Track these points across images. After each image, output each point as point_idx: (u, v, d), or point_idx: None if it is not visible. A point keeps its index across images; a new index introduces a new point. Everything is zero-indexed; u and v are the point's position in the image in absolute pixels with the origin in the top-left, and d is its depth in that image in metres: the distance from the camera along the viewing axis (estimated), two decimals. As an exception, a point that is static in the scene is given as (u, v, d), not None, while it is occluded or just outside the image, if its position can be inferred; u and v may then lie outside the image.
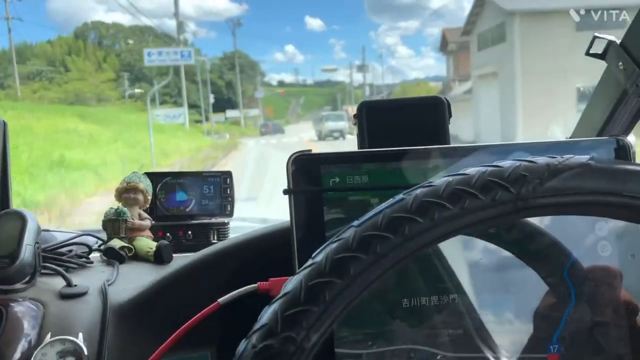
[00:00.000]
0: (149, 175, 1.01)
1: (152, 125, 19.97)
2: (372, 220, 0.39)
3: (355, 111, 0.77)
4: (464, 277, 0.65)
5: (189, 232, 1.03)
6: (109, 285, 0.77)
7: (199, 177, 1.06)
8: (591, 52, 0.82)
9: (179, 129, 24.21)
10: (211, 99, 33.40)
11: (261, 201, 6.90)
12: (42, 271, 0.77)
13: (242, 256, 0.79)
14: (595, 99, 0.86)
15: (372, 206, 0.63)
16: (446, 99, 0.77)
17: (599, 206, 0.40)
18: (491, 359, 0.63)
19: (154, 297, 0.77)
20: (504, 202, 0.38)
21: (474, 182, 0.38)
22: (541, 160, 0.40)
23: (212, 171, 1.06)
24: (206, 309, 0.65)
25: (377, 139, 0.75)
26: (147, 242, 0.93)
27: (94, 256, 0.92)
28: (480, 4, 18.45)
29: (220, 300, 0.65)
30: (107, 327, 0.70)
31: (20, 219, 0.74)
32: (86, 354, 0.65)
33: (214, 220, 1.06)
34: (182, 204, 1.05)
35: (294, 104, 70.80)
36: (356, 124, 0.78)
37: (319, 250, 0.39)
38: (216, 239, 1.04)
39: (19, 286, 0.73)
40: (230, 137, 28.74)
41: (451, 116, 0.77)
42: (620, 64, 0.78)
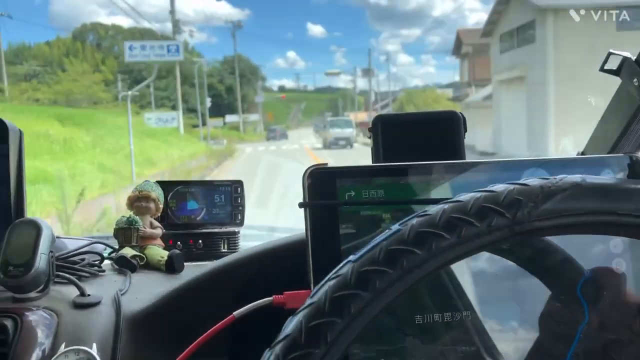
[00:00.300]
0: (161, 183, 1.02)
1: (142, 130, 18.51)
2: (369, 254, 0.39)
3: (358, 118, 0.78)
4: (475, 294, 0.65)
5: (200, 241, 1.03)
6: (122, 294, 0.77)
7: (210, 185, 1.06)
8: (605, 68, 0.82)
9: (172, 134, 22.38)
10: (208, 103, 31.62)
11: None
12: (56, 280, 0.77)
13: (255, 268, 0.80)
14: (608, 114, 0.86)
15: (384, 222, 0.63)
16: (461, 113, 0.77)
17: (595, 226, 0.40)
18: None
19: (167, 307, 0.77)
20: (500, 228, 0.38)
21: (469, 208, 0.39)
22: (534, 182, 0.40)
23: (223, 180, 1.07)
24: (222, 322, 0.65)
25: (392, 153, 0.75)
26: (158, 251, 0.93)
27: (105, 264, 0.92)
28: (504, 1, 16.26)
29: (235, 313, 0.65)
30: (121, 338, 0.70)
31: (35, 227, 0.74)
32: None
33: (224, 229, 1.06)
34: (192, 213, 1.06)
35: (295, 110, 70.73)
36: (371, 137, 0.78)
37: (317, 287, 0.39)
38: (226, 248, 1.04)
39: (33, 295, 0.73)
40: (227, 142, 27.19)
41: (466, 131, 0.77)
42: (635, 80, 0.79)
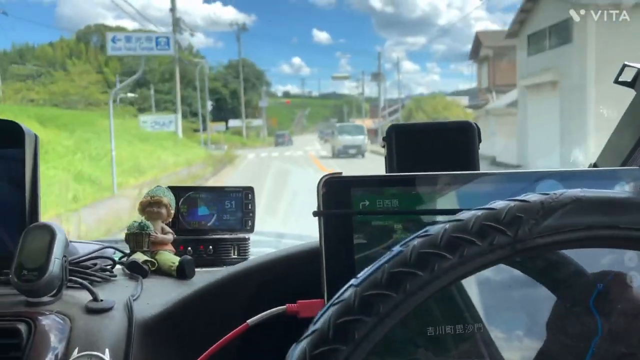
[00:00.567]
0: (172, 189, 1.02)
1: (136, 134, 17.76)
2: (372, 277, 0.38)
3: (366, 124, 0.78)
4: (483, 303, 0.65)
5: (210, 246, 1.03)
6: (134, 300, 0.77)
7: (220, 191, 1.06)
8: (620, 80, 0.82)
9: (170, 138, 20.92)
10: (209, 106, 30.54)
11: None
12: (68, 284, 0.77)
13: (268, 276, 0.80)
14: (622, 126, 0.86)
15: (396, 232, 0.63)
16: (476, 124, 0.77)
17: (597, 240, 0.40)
18: None
19: (179, 314, 0.77)
20: (501, 246, 0.38)
21: (471, 227, 0.39)
22: (535, 198, 0.40)
23: (234, 186, 1.07)
24: (235, 330, 0.65)
25: (406, 163, 0.75)
26: (169, 257, 0.94)
27: (117, 269, 0.92)
28: (533, -3, 14.19)
29: (249, 321, 0.65)
30: (133, 344, 0.70)
31: (49, 232, 0.74)
32: None
33: (234, 235, 1.06)
34: (203, 219, 1.06)
35: (299, 115, 70.55)
36: (384, 146, 0.79)
37: (320, 313, 0.38)
38: (236, 254, 1.04)
39: (46, 299, 0.73)
40: (228, 148, 25.64)
41: (481, 141, 0.77)
42: None
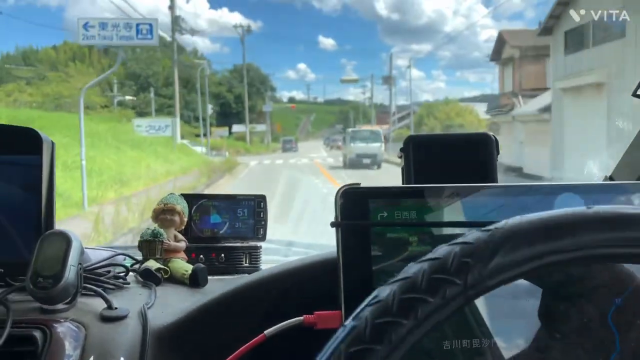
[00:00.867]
0: (185, 196, 1.02)
1: (127, 139, 16.45)
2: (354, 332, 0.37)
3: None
4: (494, 314, 0.64)
5: (222, 255, 1.03)
6: (148, 308, 0.77)
7: (233, 200, 1.06)
8: (638, 93, 0.82)
9: (166, 144, 19.42)
10: (209, 110, 29.00)
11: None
12: (83, 292, 0.77)
13: (283, 286, 0.80)
14: (637, 141, 0.86)
15: (411, 245, 0.63)
16: (494, 135, 0.77)
17: (549, 266, 0.40)
18: None
19: (194, 323, 0.77)
20: (454, 297, 0.38)
21: (420, 283, 0.38)
22: (476, 237, 0.40)
23: (247, 194, 1.07)
24: (252, 341, 0.65)
25: (423, 174, 0.75)
26: (182, 265, 0.93)
27: (129, 276, 0.92)
28: (572, -11, 12.37)
29: (266, 332, 0.65)
30: (147, 352, 0.70)
31: (65, 239, 0.74)
32: None
33: (246, 243, 1.06)
34: (216, 227, 1.06)
35: (305, 121, 70.40)
36: (401, 157, 0.79)
37: None
38: (248, 263, 1.04)
39: (60, 306, 0.73)
40: (230, 155, 24.54)
41: (499, 153, 0.77)
42: None
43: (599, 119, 10.88)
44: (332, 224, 0.62)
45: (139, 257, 0.97)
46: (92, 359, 0.66)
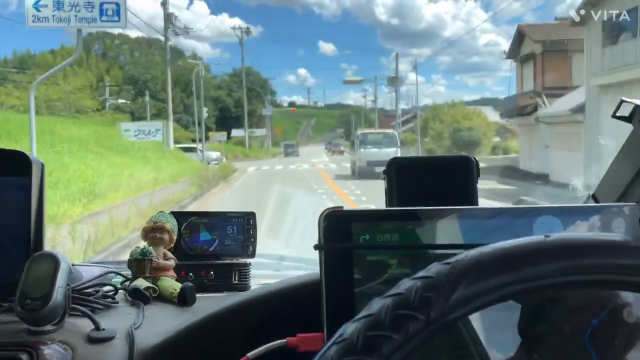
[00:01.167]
0: (175, 214, 1.03)
1: (113, 145, 15.34)
2: None
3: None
4: (485, 329, 0.65)
5: (211, 272, 1.04)
6: (135, 328, 0.78)
7: (223, 217, 1.07)
8: (617, 114, 0.83)
9: (157, 150, 18.04)
10: (205, 113, 27.83)
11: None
12: (71, 312, 0.78)
13: (268, 307, 0.80)
14: (619, 159, 0.87)
15: (390, 267, 0.64)
16: (474, 158, 0.78)
17: (511, 296, 0.40)
18: None
19: (180, 343, 0.78)
20: (418, 333, 0.38)
21: (384, 320, 0.38)
22: (437, 270, 0.40)
23: (236, 211, 1.08)
24: None
25: (406, 197, 0.76)
26: (171, 283, 0.94)
27: (119, 294, 0.93)
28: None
29: (249, 355, 0.66)
30: None
31: (53, 261, 0.75)
32: None
33: (235, 260, 1.06)
34: (205, 244, 1.06)
35: (305, 125, 70.14)
36: (385, 178, 0.80)
37: None
38: (237, 279, 1.04)
39: (48, 328, 0.74)
40: (227, 160, 23.48)
41: (479, 175, 0.78)
42: None
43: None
44: (315, 247, 0.63)
45: (130, 274, 0.98)
46: None
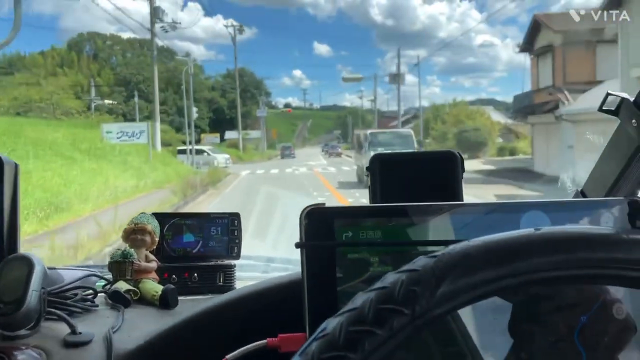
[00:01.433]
0: (157, 215, 1.01)
1: (91, 148, 13.87)
2: None
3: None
4: (476, 330, 0.64)
5: (195, 274, 1.02)
6: (114, 332, 0.76)
7: (206, 218, 1.05)
8: (604, 108, 0.82)
9: (141, 153, 16.64)
10: (194, 114, 25.86)
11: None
12: (47, 316, 0.76)
13: (250, 308, 0.79)
14: (607, 154, 0.86)
15: (372, 265, 0.62)
16: (459, 153, 0.77)
17: (498, 292, 0.39)
18: None
19: (159, 347, 0.76)
20: (402, 328, 0.37)
21: (367, 314, 0.37)
22: (423, 264, 0.39)
23: (220, 212, 1.06)
24: None
25: (390, 193, 0.74)
26: (153, 286, 0.92)
27: (99, 297, 0.91)
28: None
29: (228, 356, 0.64)
30: None
31: (27, 263, 0.73)
32: None
33: (220, 262, 1.05)
34: (189, 245, 1.05)
35: (301, 127, 69.99)
36: (368, 176, 0.78)
37: None
38: (222, 281, 1.02)
39: (22, 332, 0.72)
40: (218, 164, 21.69)
41: (464, 171, 0.77)
42: (633, 121, 0.79)
43: None
44: (297, 245, 0.61)
45: (112, 279, 0.96)
46: None
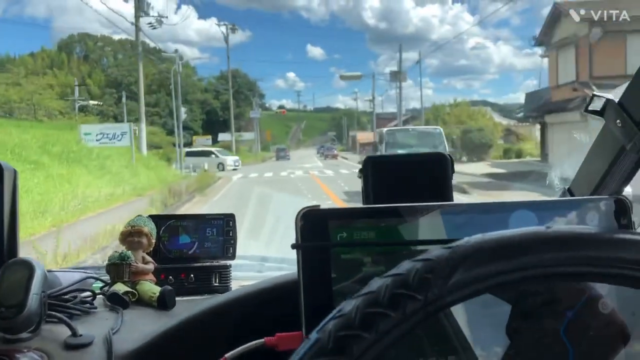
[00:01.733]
0: (153, 217, 1.02)
1: (62, 151, 12.53)
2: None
3: (367, 138, 0.77)
4: (466, 325, 0.65)
5: (191, 275, 1.03)
6: (113, 334, 0.77)
7: (202, 219, 1.07)
8: (589, 109, 0.84)
9: (122, 156, 15.44)
10: (182, 114, 24.51)
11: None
12: (47, 319, 0.77)
13: (247, 308, 0.80)
14: (593, 154, 0.88)
15: (365, 265, 0.64)
16: (449, 155, 0.78)
17: (508, 284, 0.41)
18: None
19: (159, 347, 0.77)
20: (415, 312, 0.38)
21: (382, 298, 0.38)
22: (438, 254, 0.41)
23: (215, 214, 1.07)
24: None
25: (382, 194, 0.76)
26: (150, 287, 0.94)
27: (97, 299, 0.92)
28: None
29: (227, 355, 0.65)
30: None
31: (27, 267, 0.74)
32: None
33: (215, 263, 1.06)
34: (185, 247, 1.06)
35: (295, 128, 69.63)
36: (361, 177, 0.80)
37: None
38: (218, 282, 1.04)
39: (24, 335, 0.73)
40: (208, 167, 20.25)
41: (454, 172, 0.79)
42: (618, 121, 0.81)
43: None
44: (293, 246, 0.63)
45: (109, 279, 0.97)
46: None
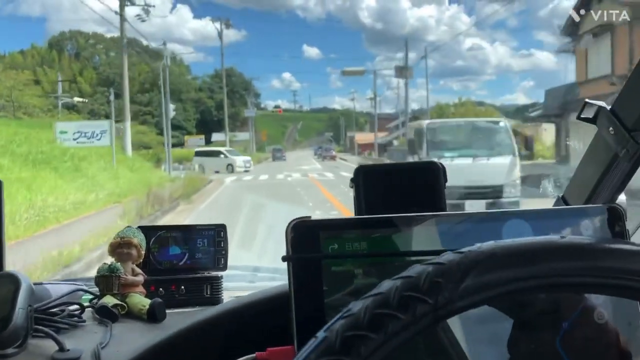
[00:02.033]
0: (143, 229, 1.01)
1: (28, 152, 11.51)
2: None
3: (365, 139, 0.76)
4: (463, 337, 0.64)
5: (182, 286, 1.02)
6: (102, 348, 0.76)
7: (192, 230, 1.06)
8: (582, 116, 0.84)
9: (101, 157, 14.28)
10: (171, 112, 22.66)
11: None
12: (34, 334, 0.76)
13: (238, 322, 0.79)
14: (586, 161, 0.88)
15: (357, 277, 0.63)
16: (441, 163, 0.78)
17: (518, 292, 0.40)
18: None
19: None
20: (424, 315, 0.38)
21: (392, 300, 0.38)
22: (450, 258, 0.40)
23: (206, 224, 1.06)
24: None
25: (374, 204, 0.75)
26: (140, 299, 0.92)
27: (86, 312, 0.91)
28: None
29: None
30: None
31: (13, 281, 0.73)
32: None
33: (207, 274, 1.05)
34: (175, 258, 1.05)
35: (291, 129, 69.31)
36: (353, 187, 0.79)
37: None
38: (209, 293, 1.03)
39: (10, 351, 0.72)
40: (199, 170, 19.51)
41: (446, 181, 0.78)
42: (610, 129, 0.80)
43: None
44: (284, 259, 0.62)
45: (99, 293, 0.96)
46: None
